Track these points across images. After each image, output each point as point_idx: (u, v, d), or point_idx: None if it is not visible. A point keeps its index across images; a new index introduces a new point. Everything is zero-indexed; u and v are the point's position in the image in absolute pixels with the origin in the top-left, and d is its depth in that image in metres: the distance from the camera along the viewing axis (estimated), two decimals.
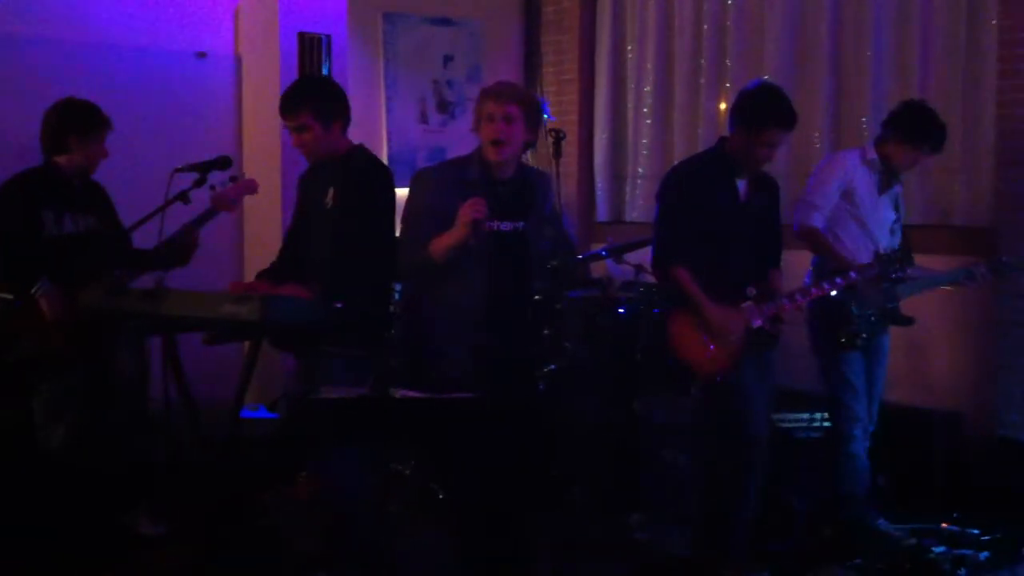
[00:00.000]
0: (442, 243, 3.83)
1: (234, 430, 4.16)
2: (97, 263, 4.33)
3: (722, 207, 4.29)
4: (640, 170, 6.74)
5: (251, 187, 4.72)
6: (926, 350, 5.43)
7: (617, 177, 6.92)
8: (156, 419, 4.92)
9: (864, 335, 4.57)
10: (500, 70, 7.08)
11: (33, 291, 4.28)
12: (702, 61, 6.40)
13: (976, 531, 4.60)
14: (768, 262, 4.40)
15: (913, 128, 4.65)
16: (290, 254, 4.48)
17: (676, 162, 4.58)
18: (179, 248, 4.55)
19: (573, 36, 7.02)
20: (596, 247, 6.27)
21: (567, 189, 7.00)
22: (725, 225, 4.28)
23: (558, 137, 3.77)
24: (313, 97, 4.20)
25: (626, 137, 6.89)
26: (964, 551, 4.46)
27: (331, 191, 4.15)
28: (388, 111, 6.72)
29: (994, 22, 5.18)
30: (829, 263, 4.58)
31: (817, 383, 4.81)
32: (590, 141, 7.04)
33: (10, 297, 4.33)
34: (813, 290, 4.34)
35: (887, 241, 4.73)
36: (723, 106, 6.32)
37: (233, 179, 4.62)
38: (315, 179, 4.30)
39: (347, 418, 3.01)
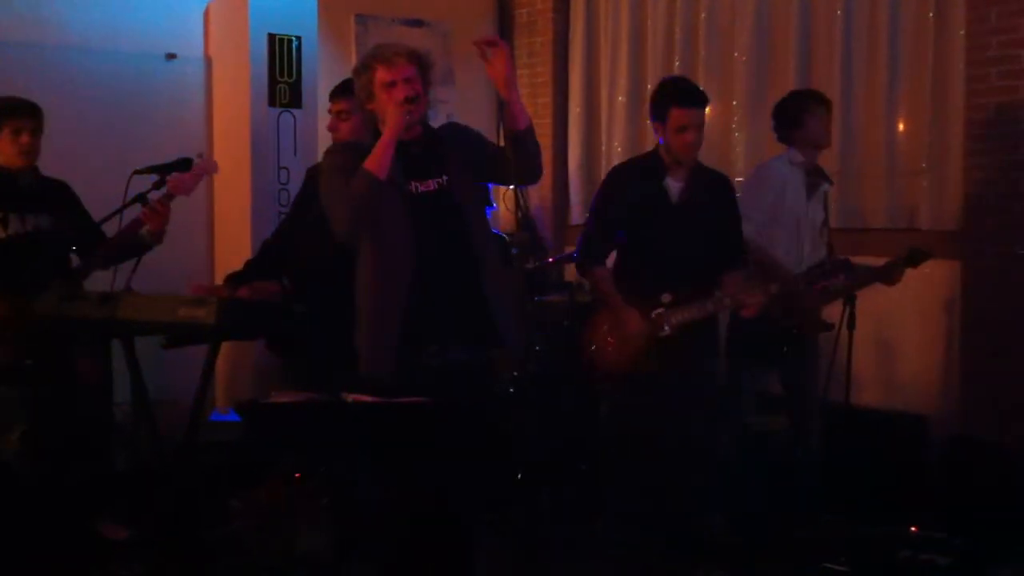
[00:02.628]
0: (377, 149, 3.37)
1: (193, 433, 4.14)
2: (48, 261, 4.31)
3: (650, 208, 4.33)
4: None
5: (208, 167, 4.62)
6: (894, 353, 5.43)
7: (590, 180, 6.90)
8: (122, 423, 4.92)
9: (785, 347, 4.58)
10: (472, 72, 7.06)
11: None
12: (675, 64, 6.38)
13: (942, 535, 4.58)
14: (721, 262, 4.39)
15: (798, 101, 4.77)
16: (279, 243, 4.47)
17: None
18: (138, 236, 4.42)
19: (546, 39, 7.01)
20: (568, 250, 6.28)
21: (540, 191, 7.01)
22: (655, 227, 4.32)
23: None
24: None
25: (599, 140, 6.87)
26: (930, 555, 4.45)
27: None
28: None
29: (961, 30, 5.17)
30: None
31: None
32: (564, 144, 7.03)
33: None
34: (725, 300, 4.32)
35: (816, 243, 4.75)
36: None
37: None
38: None
39: (295, 423, 2.98)
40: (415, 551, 3.51)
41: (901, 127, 5.47)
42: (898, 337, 5.43)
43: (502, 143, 3.58)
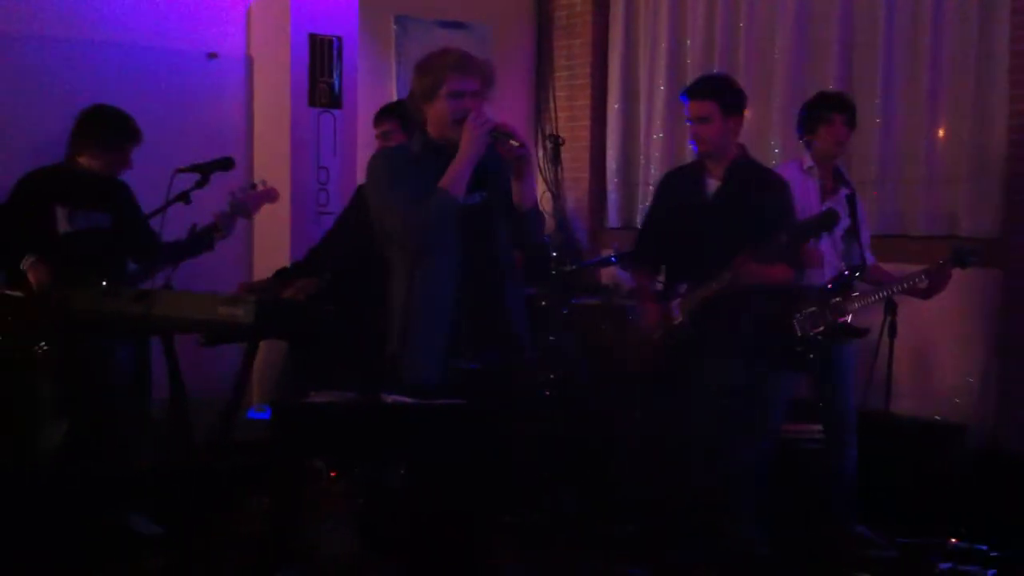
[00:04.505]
0: (456, 170, 3.40)
1: (228, 431, 4.16)
2: (105, 258, 4.36)
3: (685, 207, 4.35)
4: (651, 176, 6.69)
5: (271, 195, 4.75)
6: (932, 362, 5.37)
7: (628, 183, 6.88)
8: (157, 419, 4.95)
9: (812, 355, 4.53)
10: (511, 74, 7.08)
11: (21, 265, 4.30)
12: (714, 66, 6.35)
13: (983, 547, 4.53)
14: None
15: (815, 108, 4.76)
16: (322, 252, 4.50)
17: None
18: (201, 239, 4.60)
19: (585, 41, 6.99)
20: (605, 253, 6.26)
21: (577, 194, 7.00)
22: (690, 225, 4.31)
23: (556, 143, 3.69)
24: (404, 110, 4.21)
25: (638, 142, 6.85)
26: (971, 567, 4.40)
27: None
28: None
29: (1005, 36, 5.10)
30: None
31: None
32: (602, 146, 7.00)
33: (20, 295, 4.37)
34: (726, 275, 4.20)
35: (837, 247, 4.70)
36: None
37: (253, 186, 4.66)
38: None
39: (335, 424, 2.99)
40: (440, 551, 3.51)
41: (942, 133, 5.41)
42: (936, 345, 5.37)
43: (539, 149, 3.59)
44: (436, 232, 3.43)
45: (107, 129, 4.55)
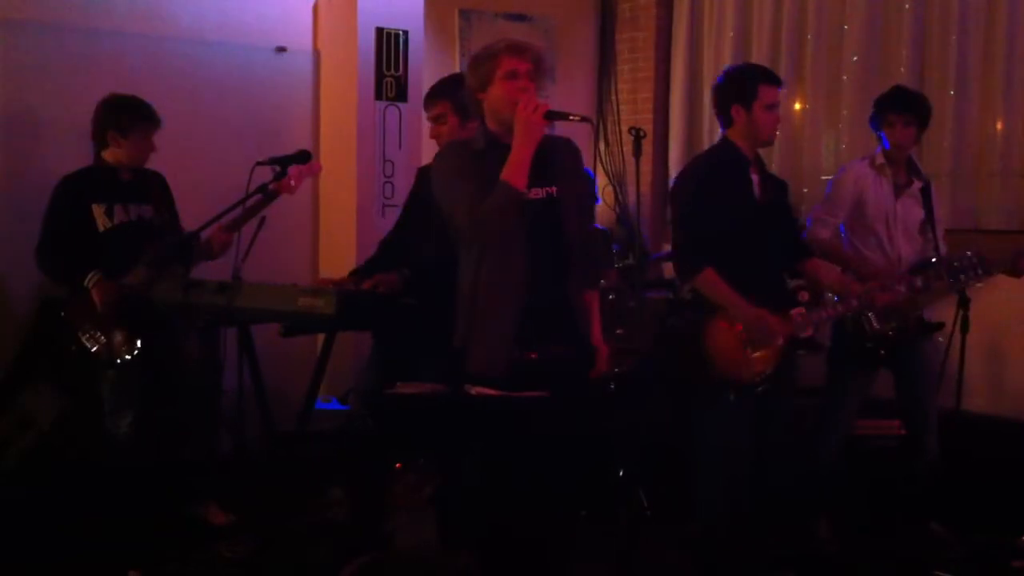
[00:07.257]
0: (516, 161, 3.36)
1: (305, 422, 4.20)
2: (152, 249, 4.40)
3: (741, 204, 4.06)
4: None
5: (312, 169, 4.72)
6: (1003, 358, 5.31)
7: None
8: (228, 410, 5.01)
9: (883, 351, 4.48)
10: (575, 66, 7.09)
11: (85, 283, 4.35)
12: (781, 61, 6.30)
13: None
14: (793, 258, 4.25)
15: (879, 107, 4.67)
16: (395, 242, 4.52)
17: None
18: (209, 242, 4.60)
19: (649, 33, 6.97)
20: (668, 247, 6.23)
21: (640, 188, 6.95)
22: (748, 222, 4.05)
23: (638, 136, 3.64)
24: (454, 90, 4.20)
25: (702, 136, 6.82)
26: None
27: None
28: None
29: None
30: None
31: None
32: (665, 139, 6.98)
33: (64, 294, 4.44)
34: (853, 302, 4.16)
35: (912, 246, 4.65)
36: (797, 106, 6.24)
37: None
38: None
39: (422, 414, 3.01)
40: (514, 542, 3.52)
41: (1016, 126, 5.34)
42: (1007, 341, 5.31)
43: (600, 142, 3.59)
44: (500, 225, 3.39)
45: (120, 114, 4.53)
